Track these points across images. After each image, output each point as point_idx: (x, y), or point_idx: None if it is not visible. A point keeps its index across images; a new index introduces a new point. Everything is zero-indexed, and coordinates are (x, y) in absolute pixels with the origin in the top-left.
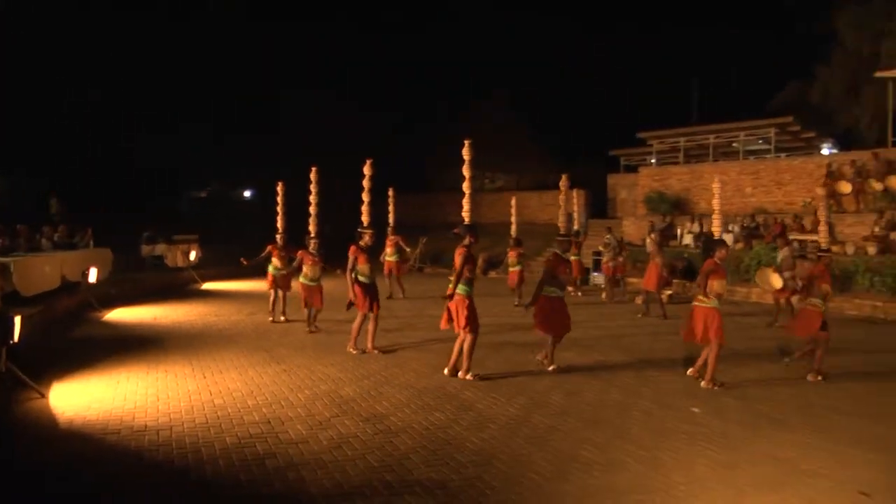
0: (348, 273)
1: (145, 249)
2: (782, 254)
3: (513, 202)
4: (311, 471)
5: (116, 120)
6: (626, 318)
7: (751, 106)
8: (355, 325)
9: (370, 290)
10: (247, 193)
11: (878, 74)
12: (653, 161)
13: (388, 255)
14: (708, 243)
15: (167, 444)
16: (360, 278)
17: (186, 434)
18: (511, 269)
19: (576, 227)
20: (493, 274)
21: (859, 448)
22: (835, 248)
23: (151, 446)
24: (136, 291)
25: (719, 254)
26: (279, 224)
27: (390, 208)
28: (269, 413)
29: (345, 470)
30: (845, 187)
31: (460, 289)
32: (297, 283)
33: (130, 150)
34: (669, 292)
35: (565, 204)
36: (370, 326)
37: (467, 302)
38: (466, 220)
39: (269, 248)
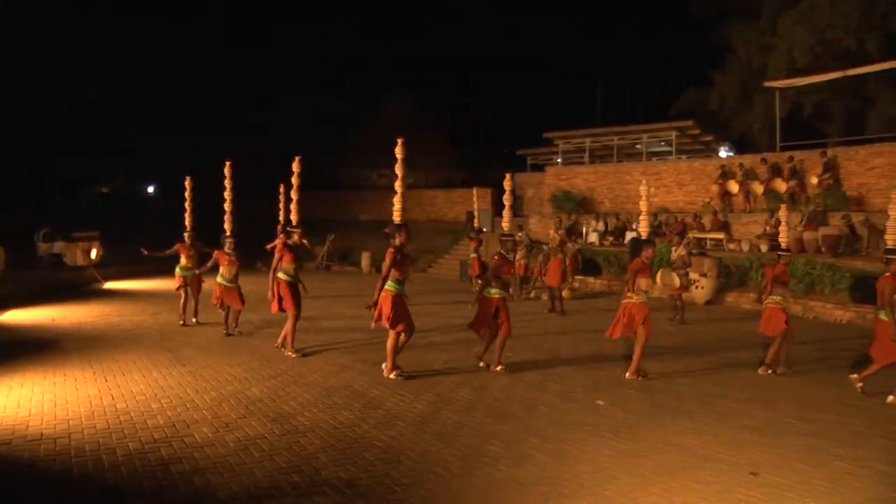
0: (272, 271)
1: (42, 247)
2: (677, 252)
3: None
4: (217, 474)
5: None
6: (534, 314)
7: (654, 109)
8: (291, 327)
9: (294, 289)
10: (150, 189)
11: (767, 84)
12: (559, 161)
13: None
14: (636, 243)
15: (65, 452)
16: (283, 276)
17: (86, 441)
18: None
19: (476, 224)
20: None
21: (751, 432)
22: (731, 246)
23: (47, 456)
24: (31, 291)
25: (646, 253)
26: (187, 221)
27: (281, 205)
28: (174, 416)
29: (252, 472)
30: (733, 188)
31: (389, 285)
32: (214, 284)
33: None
34: (573, 286)
35: (509, 203)
36: (289, 326)
37: (395, 299)
38: (397, 218)
39: (176, 245)
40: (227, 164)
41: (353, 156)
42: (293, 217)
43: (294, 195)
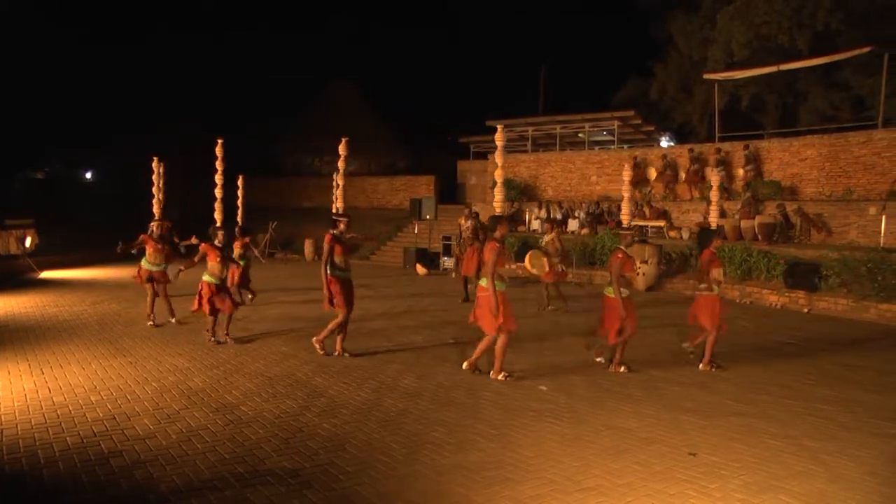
0: (323, 266)
1: None
2: (547, 238)
3: (239, 182)
4: (159, 467)
5: None
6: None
7: (596, 99)
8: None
9: (347, 286)
10: (88, 175)
11: (706, 76)
12: None
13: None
14: (703, 233)
15: None
16: (336, 272)
17: (21, 437)
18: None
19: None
20: None
21: (691, 414)
22: (672, 234)
23: None
24: None
25: (715, 243)
26: (155, 209)
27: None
28: (115, 408)
29: (195, 464)
30: (652, 174)
31: (487, 283)
32: (202, 283)
33: None
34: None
35: (628, 194)
36: (336, 322)
37: (503, 299)
38: (497, 209)
39: (141, 237)
40: (219, 142)
41: (296, 143)
42: (339, 204)
43: (340, 181)
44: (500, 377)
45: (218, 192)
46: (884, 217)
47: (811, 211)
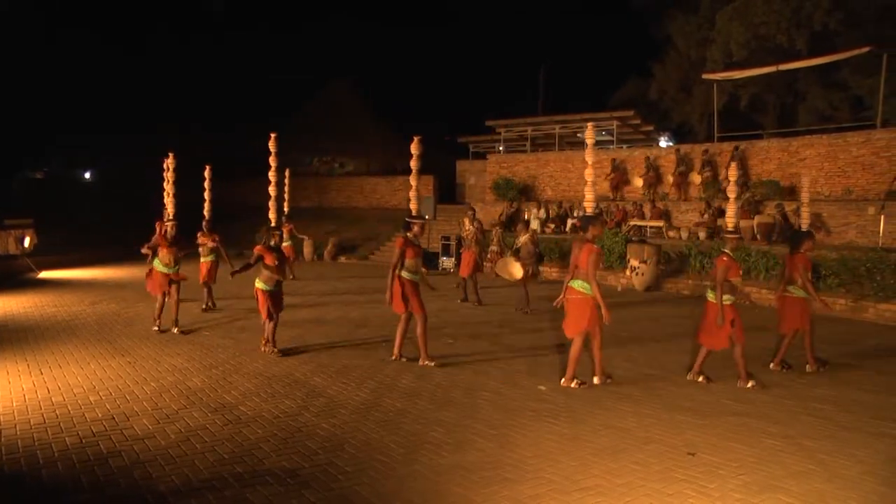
0: (392, 269)
1: None
2: (521, 240)
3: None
4: (158, 467)
5: None
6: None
7: (595, 99)
8: (399, 329)
9: (416, 289)
10: (87, 175)
11: (705, 76)
12: (501, 148)
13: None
14: (795, 236)
15: None
16: (406, 275)
17: (20, 437)
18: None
19: (286, 210)
20: (342, 259)
21: (690, 414)
22: (671, 234)
23: None
24: None
25: (806, 245)
26: (169, 208)
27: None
28: (113, 408)
29: (194, 464)
30: (637, 181)
31: (582, 287)
32: (257, 291)
33: None
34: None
35: (733, 195)
36: (419, 331)
37: (596, 303)
38: (588, 208)
39: (155, 238)
40: (273, 136)
41: (295, 142)
42: (412, 206)
43: (413, 181)
44: (573, 385)
45: (272, 190)
46: (882, 217)
47: (812, 211)
